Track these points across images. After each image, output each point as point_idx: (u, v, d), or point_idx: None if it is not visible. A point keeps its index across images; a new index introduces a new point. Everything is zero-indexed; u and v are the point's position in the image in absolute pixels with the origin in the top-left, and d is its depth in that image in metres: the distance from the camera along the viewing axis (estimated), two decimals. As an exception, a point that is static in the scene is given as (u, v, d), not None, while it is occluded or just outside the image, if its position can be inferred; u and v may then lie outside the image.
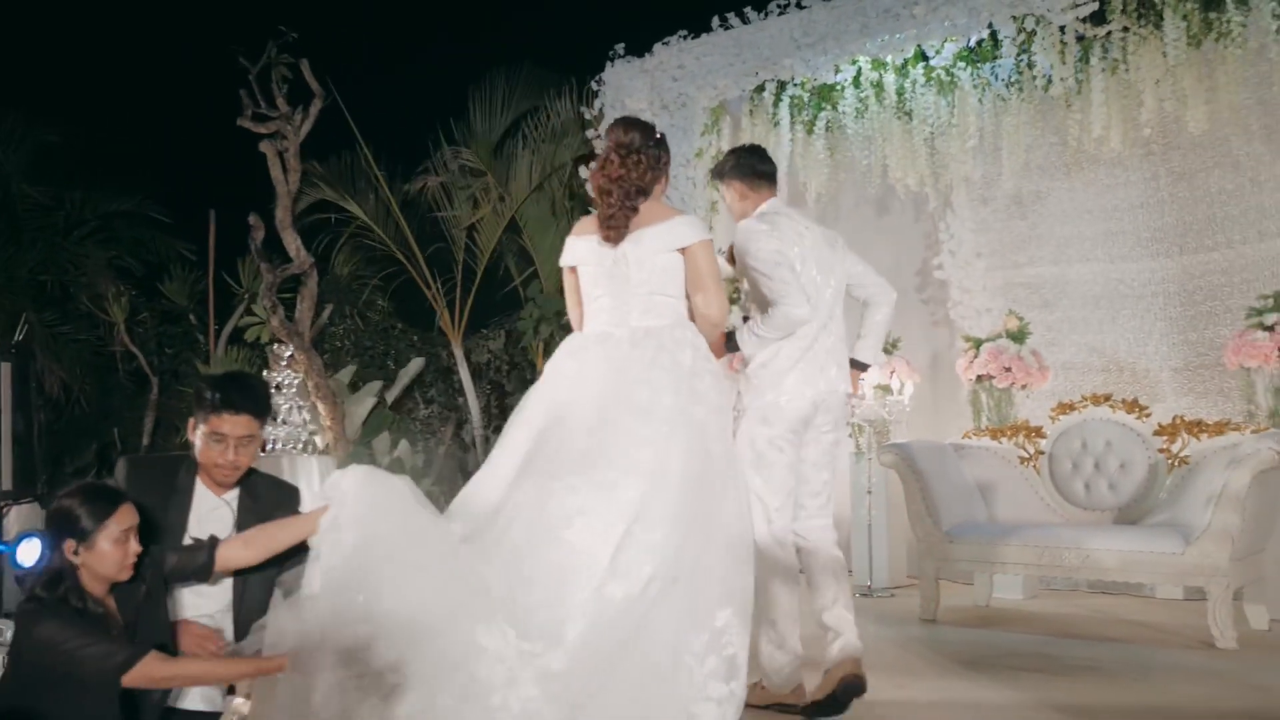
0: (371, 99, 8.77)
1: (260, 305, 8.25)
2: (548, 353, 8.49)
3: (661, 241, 2.94)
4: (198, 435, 2.87)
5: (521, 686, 2.37)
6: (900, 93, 6.68)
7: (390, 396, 9.54)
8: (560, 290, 8.34)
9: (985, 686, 3.72)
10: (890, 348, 6.30)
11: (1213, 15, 5.57)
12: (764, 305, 3.38)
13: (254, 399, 2.89)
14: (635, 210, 2.97)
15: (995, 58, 6.30)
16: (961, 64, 6.42)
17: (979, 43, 6.32)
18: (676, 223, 2.97)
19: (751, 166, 3.59)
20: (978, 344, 6.15)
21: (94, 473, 10.02)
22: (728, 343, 3.37)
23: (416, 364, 9.65)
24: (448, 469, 10.00)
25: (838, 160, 7.14)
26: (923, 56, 6.56)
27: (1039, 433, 5.55)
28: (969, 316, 6.80)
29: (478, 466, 9.24)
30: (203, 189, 9.86)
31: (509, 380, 9.66)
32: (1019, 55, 6.14)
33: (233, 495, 2.93)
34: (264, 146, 8.01)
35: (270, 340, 8.11)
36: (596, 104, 7.54)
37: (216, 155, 9.61)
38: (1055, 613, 5.30)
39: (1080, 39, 5.94)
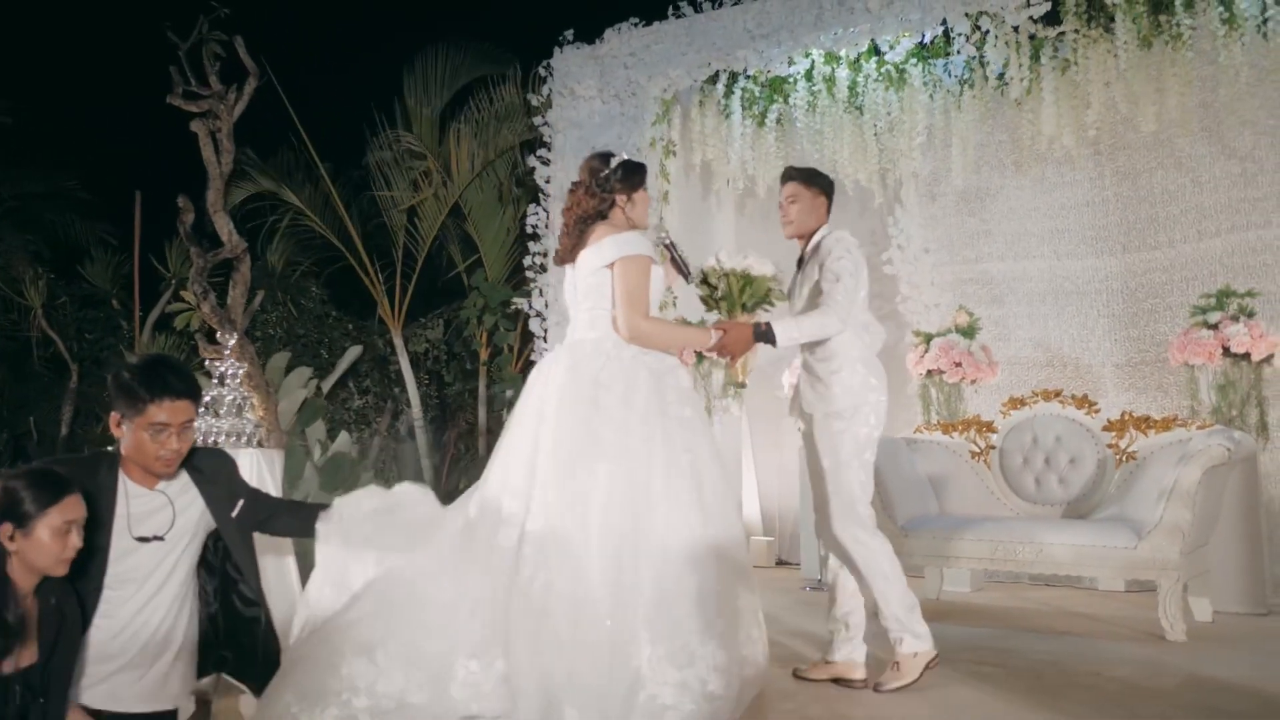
0: (311, 79, 8.50)
1: (190, 291, 7.93)
2: (490, 342, 8.37)
3: (592, 261, 3.28)
4: (127, 429, 2.69)
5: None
6: (852, 87, 6.69)
7: (326, 385, 9.29)
8: (504, 280, 8.19)
9: (953, 681, 3.71)
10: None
11: (1163, 18, 5.67)
12: (815, 304, 3.63)
13: (190, 380, 2.77)
14: (578, 236, 3.35)
15: (948, 55, 6.34)
16: (914, 60, 6.44)
17: (932, 40, 6.35)
18: (606, 242, 3.28)
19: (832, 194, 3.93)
20: (928, 339, 6.20)
21: (6, 464, 9.57)
22: (756, 335, 3.56)
23: (354, 351, 9.37)
24: (383, 460, 9.79)
25: (788, 153, 7.12)
26: (875, 51, 6.57)
27: (990, 427, 5.60)
28: (917, 311, 6.85)
29: (417, 458, 9.00)
30: (128, 169, 9.45)
31: (448, 370, 9.48)
32: (975, 55, 6.19)
33: (170, 485, 2.78)
34: (195, 126, 7.65)
35: (200, 327, 7.81)
36: (544, 89, 7.40)
37: (143, 135, 9.22)
38: (1005, 606, 5.36)
39: (1032, 38, 6.00)
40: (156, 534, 2.73)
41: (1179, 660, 4.05)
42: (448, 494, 8.14)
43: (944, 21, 6.02)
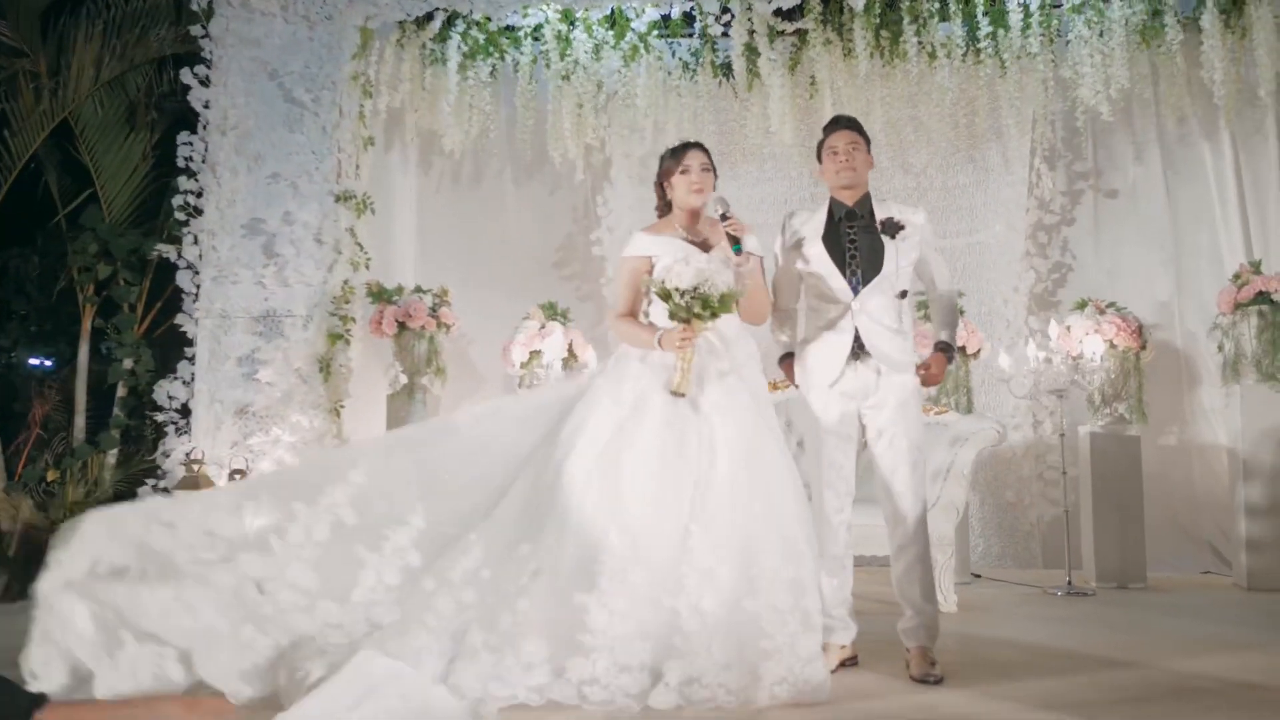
0: None
1: None
2: (98, 294, 6.54)
3: None
4: None
5: None
6: (584, 53, 6.33)
7: None
8: (130, 220, 6.51)
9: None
10: (562, 317, 6.01)
11: (883, 34, 6.09)
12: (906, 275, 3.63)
13: None
14: None
15: (685, 35, 6.26)
16: (655, 34, 6.27)
17: (669, 17, 6.22)
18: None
19: None
20: (659, 321, 6.04)
21: None
22: (949, 358, 3.81)
23: None
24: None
25: (491, 113, 6.57)
26: (613, 21, 6.27)
27: (738, 412, 5.57)
28: (622, 294, 6.69)
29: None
30: None
31: (4, 332, 7.34)
32: (708, 39, 6.16)
33: None
34: None
35: None
36: (204, -6, 6.04)
37: None
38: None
39: (770, 30, 6.10)
40: None
41: (977, 629, 4.30)
42: (25, 486, 6.26)
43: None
